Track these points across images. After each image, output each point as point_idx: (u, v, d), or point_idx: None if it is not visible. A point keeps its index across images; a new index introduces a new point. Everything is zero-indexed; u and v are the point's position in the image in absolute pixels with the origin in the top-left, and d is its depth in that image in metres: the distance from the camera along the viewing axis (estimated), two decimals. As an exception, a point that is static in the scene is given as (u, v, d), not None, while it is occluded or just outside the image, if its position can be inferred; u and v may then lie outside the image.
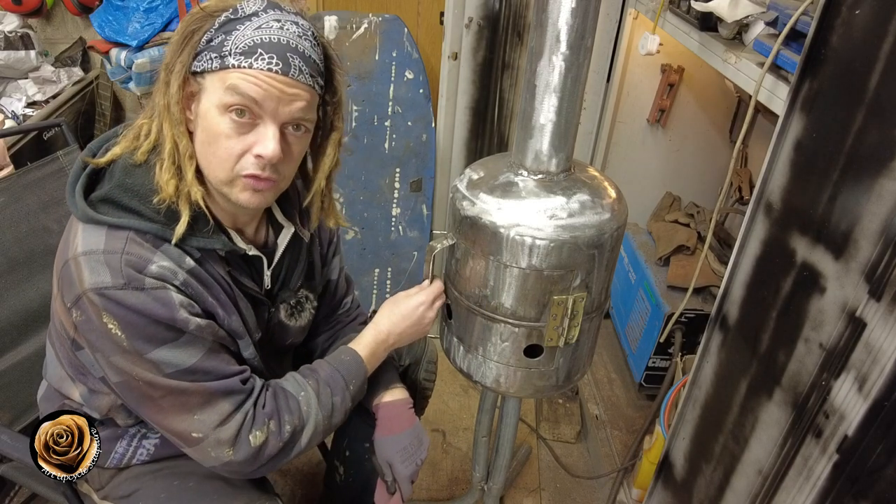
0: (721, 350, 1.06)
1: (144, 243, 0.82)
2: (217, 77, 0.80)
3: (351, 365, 1.02)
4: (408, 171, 2.24)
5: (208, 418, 0.87)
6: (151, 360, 0.83)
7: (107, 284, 0.79)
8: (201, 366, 0.86)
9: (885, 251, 0.69)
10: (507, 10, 1.99)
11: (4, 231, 1.30)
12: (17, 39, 2.41)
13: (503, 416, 1.41)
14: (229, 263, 0.93)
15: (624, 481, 1.73)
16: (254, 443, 0.89)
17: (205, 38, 0.81)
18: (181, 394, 0.86)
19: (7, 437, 1.08)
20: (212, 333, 0.88)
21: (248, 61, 0.79)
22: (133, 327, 0.81)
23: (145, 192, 0.83)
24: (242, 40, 0.79)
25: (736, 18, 1.26)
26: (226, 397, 0.89)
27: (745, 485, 0.98)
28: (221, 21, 0.81)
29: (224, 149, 0.82)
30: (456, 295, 1.12)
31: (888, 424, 0.70)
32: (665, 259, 1.95)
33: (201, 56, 0.81)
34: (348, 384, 1.00)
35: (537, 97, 0.98)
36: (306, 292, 1.10)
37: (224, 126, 0.81)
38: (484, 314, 1.08)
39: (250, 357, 0.98)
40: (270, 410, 0.92)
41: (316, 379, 0.98)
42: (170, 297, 0.82)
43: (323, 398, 0.97)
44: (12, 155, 1.97)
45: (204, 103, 0.82)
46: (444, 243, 1.08)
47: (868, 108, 0.73)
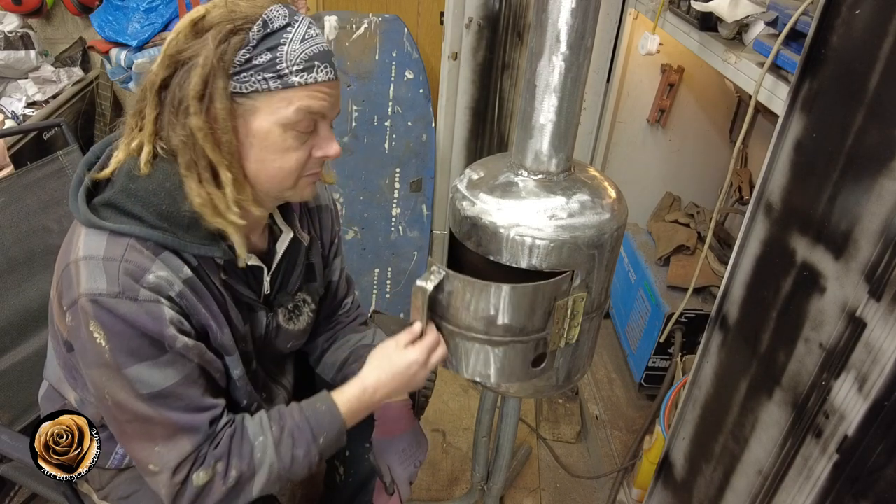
0: (721, 350, 1.06)
1: (144, 251, 0.81)
2: (278, 96, 0.80)
3: (324, 417, 0.95)
4: (408, 171, 2.24)
5: (168, 455, 0.85)
6: (128, 377, 0.81)
7: (101, 291, 0.78)
8: (176, 391, 0.84)
9: (885, 251, 0.69)
10: (507, 10, 1.99)
11: (4, 231, 1.30)
12: (17, 39, 2.41)
13: (503, 416, 1.41)
14: (226, 272, 0.91)
15: (624, 481, 1.73)
16: (196, 482, 0.85)
17: (241, 55, 0.78)
18: (146, 422, 0.84)
19: (7, 437, 1.08)
20: (197, 355, 0.86)
21: (313, 76, 0.80)
22: (118, 338, 0.80)
23: (149, 198, 0.82)
24: (295, 54, 0.79)
25: (736, 18, 1.26)
26: (188, 435, 0.86)
27: (745, 485, 0.98)
28: (258, 36, 0.78)
29: (294, 160, 0.84)
30: (451, 330, 1.04)
31: (888, 424, 0.70)
32: (665, 259, 1.95)
33: (245, 76, 0.78)
34: (317, 437, 0.93)
35: (537, 97, 0.98)
36: (304, 295, 1.09)
37: (291, 140, 0.83)
38: (490, 340, 1.03)
39: (239, 376, 0.95)
40: (221, 452, 0.87)
41: (281, 426, 0.92)
42: (161, 312, 0.81)
43: (282, 449, 0.91)
44: (12, 155, 1.97)
45: (260, 123, 0.81)
46: (434, 279, 0.99)
47: (868, 108, 0.73)
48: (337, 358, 1.19)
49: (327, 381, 1.23)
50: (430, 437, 1.99)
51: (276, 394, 1.11)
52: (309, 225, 1.07)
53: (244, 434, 0.90)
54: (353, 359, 1.18)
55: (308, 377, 1.27)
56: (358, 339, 1.21)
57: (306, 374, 1.26)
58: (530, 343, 1.05)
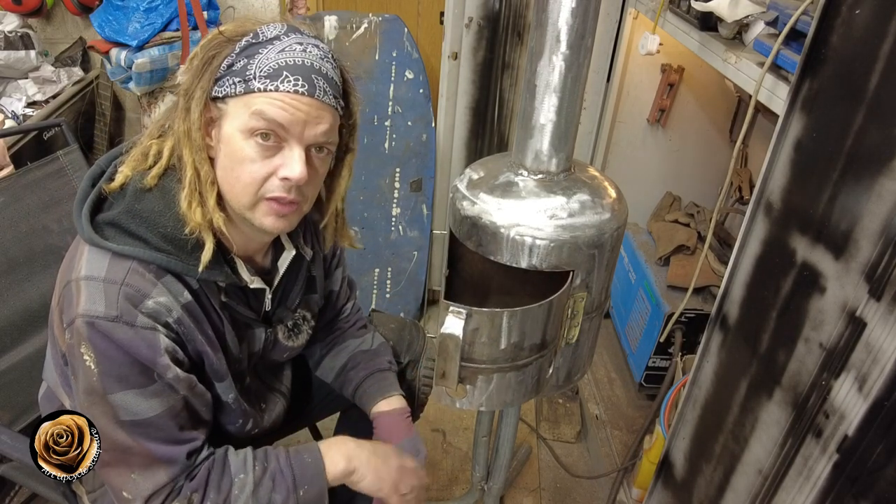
0: (721, 350, 1.06)
1: (147, 274, 0.81)
2: (241, 101, 0.79)
3: (308, 469, 0.92)
4: (408, 171, 2.24)
5: (143, 484, 0.84)
6: (112, 403, 0.80)
7: (98, 314, 0.78)
8: (158, 421, 0.83)
9: (885, 251, 0.69)
10: (507, 10, 1.99)
11: (4, 231, 1.30)
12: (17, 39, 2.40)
13: (503, 416, 1.41)
14: (227, 294, 0.90)
15: (624, 481, 1.73)
16: None
17: (225, 63, 0.80)
18: (125, 452, 0.83)
19: (7, 437, 1.08)
20: (187, 387, 0.85)
21: (275, 84, 0.78)
22: (108, 363, 0.79)
23: (154, 219, 0.81)
24: (267, 63, 0.79)
25: (736, 18, 1.26)
26: (165, 467, 0.85)
27: (746, 484, 0.98)
28: (242, 45, 0.80)
29: (248, 173, 0.81)
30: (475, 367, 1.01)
31: (888, 424, 0.70)
32: (665, 259, 1.95)
33: (223, 81, 0.80)
34: (297, 488, 0.91)
35: (537, 97, 0.98)
36: (304, 312, 1.08)
37: (249, 150, 0.80)
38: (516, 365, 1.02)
39: (232, 400, 0.95)
40: (197, 484, 0.86)
41: (264, 468, 0.91)
42: (156, 340, 0.80)
43: (261, 491, 0.89)
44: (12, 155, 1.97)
45: (226, 128, 0.81)
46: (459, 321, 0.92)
47: (868, 108, 0.73)
48: (336, 363, 1.19)
49: (326, 384, 1.23)
50: (430, 436, 1.99)
51: (273, 402, 1.11)
52: (312, 239, 1.06)
53: (225, 468, 0.89)
54: (350, 365, 1.17)
55: (305, 379, 1.27)
56: (357, 345, 1.20)
57: (304, 376, 1.26)
58: (547, 355, 1.04)
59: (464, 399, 1.06)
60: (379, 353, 1.20)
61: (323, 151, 0.86)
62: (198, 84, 0.80)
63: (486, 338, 0.98)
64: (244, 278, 0.90)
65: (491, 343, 0.98)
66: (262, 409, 1.07)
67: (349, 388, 1.16)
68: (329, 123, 0.84)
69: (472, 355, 1.00)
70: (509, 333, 0.98)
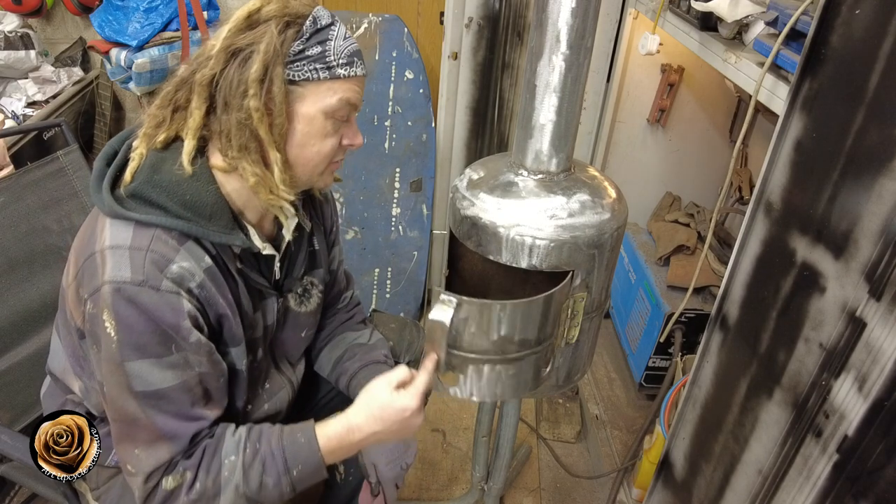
0: (721, 350, 1.06)
1: (170, 240, 0.84)
2: (325, 86, 0.86)
3: (302, 450, 0.92)
4: (408, 171, 2.24)
5: (146, 460, 0.86)
6: (126, 372, 0.82)
7: (125, 279, 0.80)
8: (170, 394, 0.85)
9: (885, 251, 0.69)
10: (507, 10, 1.99)
11: (4, 231, 1.30)
12: (17, 39, 2.40)
13: (503, 416, 1.41)
14: (241, 260, 0.94)
15: (624, 481, 1.73)
16: (165, 487, 0.87)
17: (296, 47, 0.84)
18: (132, 424, 0.85)
19: (7, 436, 1.08)
20: (207, 353, 0.88)
21: (353, 70, 0.88)
22: (128, 330, 0.81)
23: (173, 188, 0.85)
24: (341, 51, 0.86)
25: (736, 18, 1.26)
26: (169, 443, 0.86)
27: (746, 484, 0.98)
28: (310, 31, 0.85)
29: (328, 145, 0.90)
30: (466, 357, 1.01)
31: (888, 424, 0.70)
32: (665, 259, 1.95)
33: (298, 65, 0.84)
34: (290, 469, 0.91)
35: (537, 97, 0.98)
36: (311, 278, 1.11)
37: (329, 128, 0.89)
38: (506, 359, 1.01)
39: (244, 367, 0.97)
40: (192, 462, 0.88)
41: (255, 450, 0.91)
42: (180, 304, 0.83)
43: (251, 473, 0.89)
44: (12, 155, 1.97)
45: (304, 109, 0.86)
46: (448, 309, 0.93)
47: (868, 108, 0.73)
48: (333, 355, 1.20)
49: (329, 385, 1.23)
50: (430, 436, 1.99)
51: (279, 386, 1.11)
52: (311, 211, 1.10)
53: (217, 449, 0.90)
54: (347, 356, 1.19)
55: (314, 378, 1.27)
56: (354, 338, 1.22)
57: (313, 375, 1.27)
58: (541, 352, 1.04)
59: (455, 388, 1.06)
60: (375, 346, 1.21)
61: None
62: (273, 70, 0.83)
63: (476, 328, 0.98)
64: (257, 244, 0.94)
65: (480, 334, 0.98)
66: (266, 391, 1.08)
67: (344, 380, 1.17)
68: None
69: (462, 344, 1.00)
70: (499, 326, 0.98)
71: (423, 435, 1.99)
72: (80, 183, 1.45)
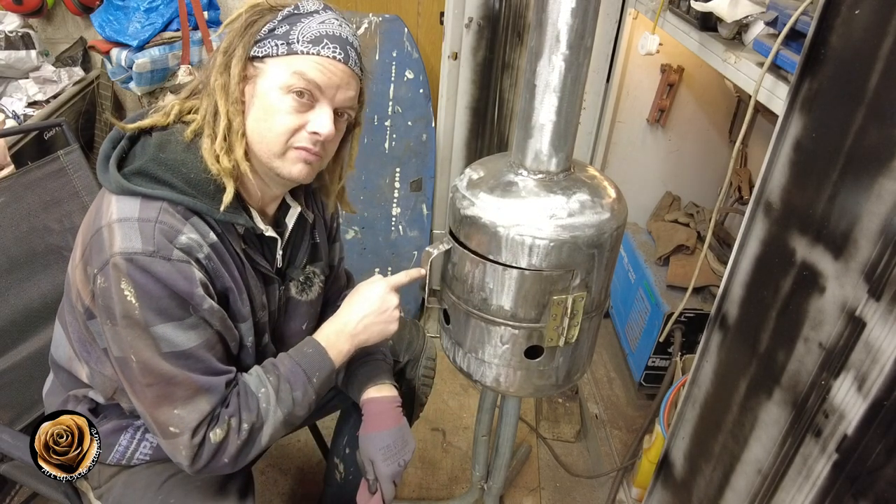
0: (721, 349, 1.06)
1: (176, 214, 0.86)
2: (283, 61, 0.88)
3: (314, 357, 1.01)
4: (408, 171, 2.24)
5: (188, 416, 0.88)
6: (153, 336, 0.85)
7: (136, 250, 0.82)
8: (196, 353, 0.88)
9: (885, 251, 0.69)
10: (507, 10, 1.99)
11: (5, 231, 1.30)
12: (17, 39, 2.40)
13: (503, 416, 1.41)
14: (245, 241, 0.96)
15: (624, 480, 1.73)
16: (214, 440, 0.90)
17: (267, 27, 0.89)
18: (168, 383, 0.87)
19: (7, 436, 1.08)
20: (220, 319, 0.91)
21: (316, 49, 0.88)
22: (148, 297, 0.83)
23: (178, 167, 0.88)
24: (309, 31, 0.88)
25: (736, 18, 1.26)
26: (207, 396, 0.90)
27: (745, 484, 0.98)
28: (284, 14, 0.89)
29: (281, 123, 0.89)
30: (454, 300, 1.11)
31: (888, 424, 0.70)
32: (665, 259, 1.96)
33: (263, 43, 0.88)
34: (311, 378, 0.99)
35: (537, 97, 0.98)
36: (313, 268, 1.13)
37: (285, 104, 0.89)
38: (483, 317, 1.08)
39: (251, 344, 0.99)
40: (232, 409, 0.92)
41: (277, 375, 0.97)
42: (192, 273, 0.85)
43: (283, 395, 0.96)
44: (13, 155, 1.97)
45: (263, 84, 0.89)
46: (441, 248, 1.08)
47: (868, 108, 0.73)
48: None
49: None
50: (430, 436, 1.99)
51: None
52: (313, 205, 1.13)
53: (247, 389, 0.95)
54: None
55: None
56: None
57: None
58: (522, 331, 1.06)
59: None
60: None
61: (343, 117, 0.96)
62: (239, 43, 0.88)
63: (462, 275, 1.08)
64: (259, 226, 0.97)
65: (461, 282, 1.09)
66: None
67: (341, 376, 1.17)
68: (355, 90, 0.94)
69: (454, 286, 1.12)
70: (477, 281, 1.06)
71: (422, 434, 1.99)
72: (81, 183, 1.45)
